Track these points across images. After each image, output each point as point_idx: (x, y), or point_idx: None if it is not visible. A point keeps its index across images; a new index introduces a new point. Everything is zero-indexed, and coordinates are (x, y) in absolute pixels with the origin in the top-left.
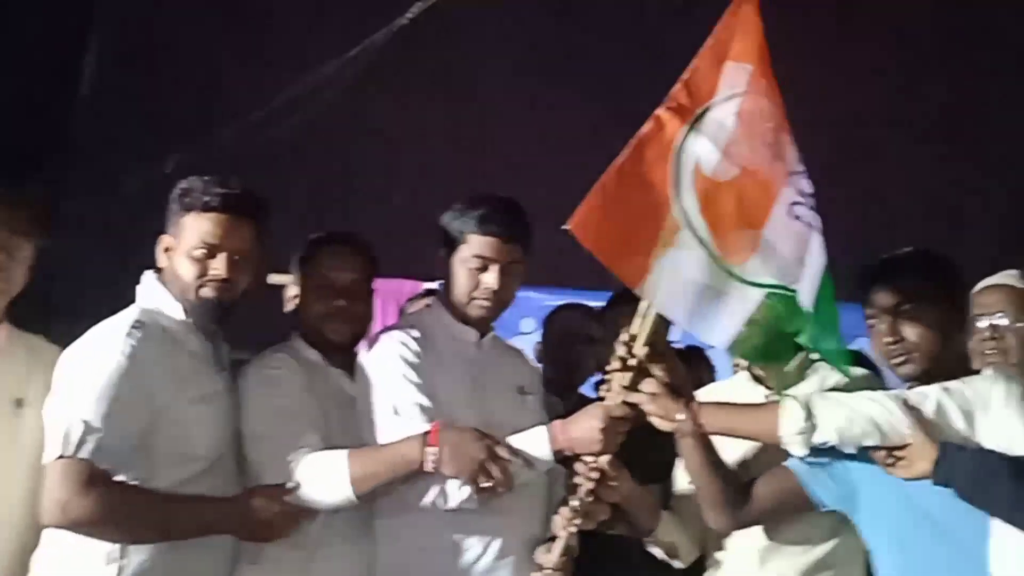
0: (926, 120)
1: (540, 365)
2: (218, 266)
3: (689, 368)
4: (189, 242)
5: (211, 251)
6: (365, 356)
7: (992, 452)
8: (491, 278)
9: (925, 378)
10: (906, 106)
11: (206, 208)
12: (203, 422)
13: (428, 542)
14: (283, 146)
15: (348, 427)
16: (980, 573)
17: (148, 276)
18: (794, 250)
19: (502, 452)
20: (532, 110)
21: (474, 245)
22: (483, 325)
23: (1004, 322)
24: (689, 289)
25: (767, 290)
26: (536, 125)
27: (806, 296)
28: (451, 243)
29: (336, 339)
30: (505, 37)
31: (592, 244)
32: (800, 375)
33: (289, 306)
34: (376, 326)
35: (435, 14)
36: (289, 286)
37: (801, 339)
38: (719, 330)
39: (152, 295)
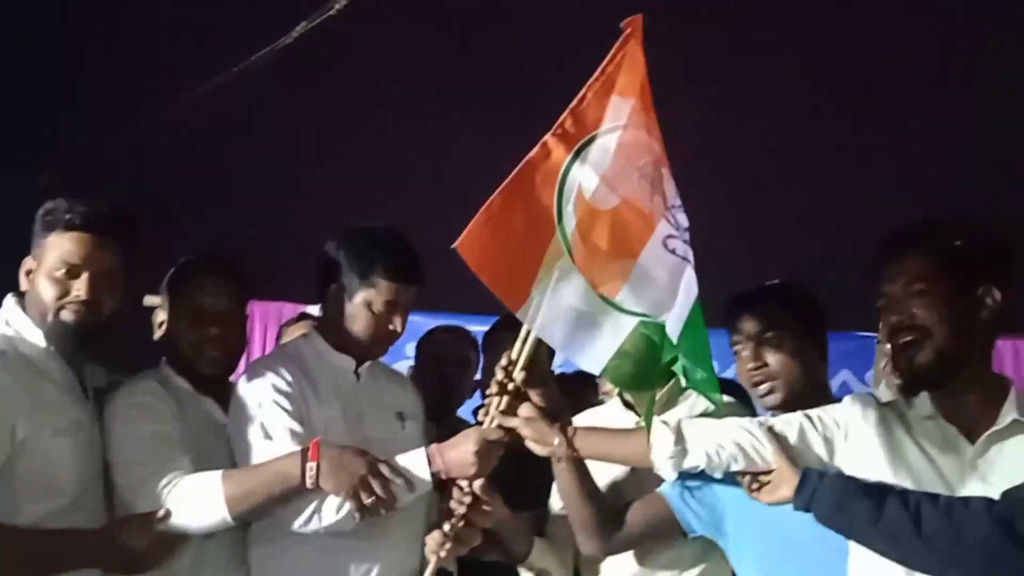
0: (809, 159)
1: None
2: (80, 287)
3: (577, 392)
4: (50, 262)
5: (72, 271)
6: (238, 385)
7: (851, 478)
8: (398, 322)
9: (784, 406)
10: (789, 145)
11: (68, 227)
12: (68, 454)
13: (303, 570)
14: (165, 163)
15: (220, 456)
16: None
17: (8, 301)
18: (666, 282)
19: (383, 469)
20: (422, 132)
21: (383, 291)
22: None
23: None
24: (568, 315)
25: (639, 318)
26: (427, 147)
27: (673, 327)
28: (344, 278)
29: (210, 369)
30: (395, 58)
31: (477, 265)
32: (671, 401)
33: (158, 332)
34: (256, 350)
35: (323, 34)
36: (158, 311)
37: (675, 368)
38: (593, 356)
39: (12, 321)
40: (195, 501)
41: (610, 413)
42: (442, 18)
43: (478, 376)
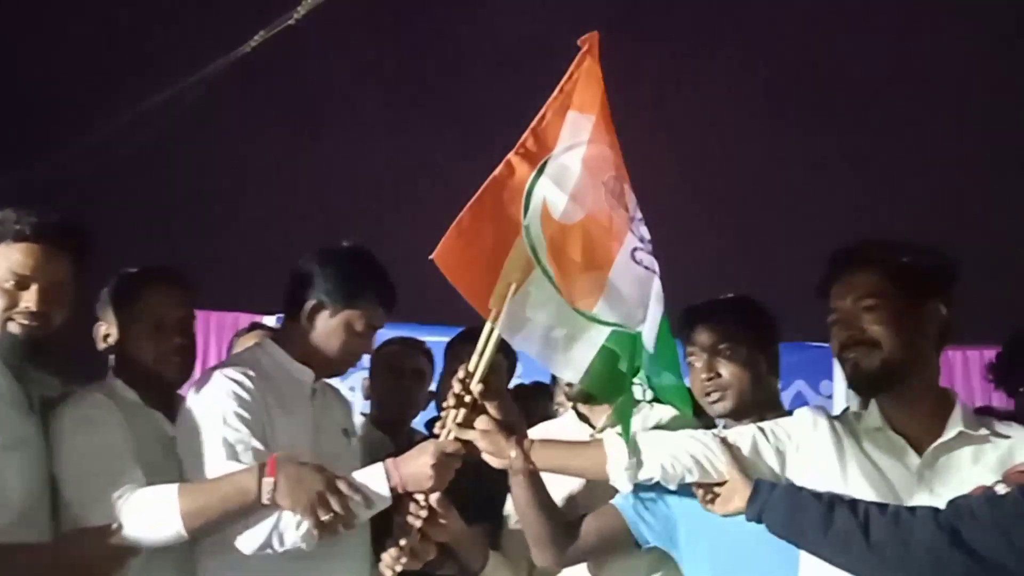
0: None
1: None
2: (29, 299)
3: (532, 404)
4: None
5: (22, 282)
6: (192, 396)
7: (801, 488)
8: (371, 344)
9: (733, 414)
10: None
11: (18, 237)
12: (15, 469)
13: None
14: (117, 173)
15: (169, 470)
16: None
17: None
18: (637, 293)
19: (341, 486)
20: (377, 142)
21: (369, 315)
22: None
23: None
24: (542, 325)
25: (612, 327)
26: (381, 157)
27: (648, 337)
28: (325, 295)
29: (171, 379)
30: (351, 69)
31: (453, 276)
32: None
33: (102, 345)
34: (211, 360)
35: (282, 43)
36: (102, 324)
37: (641, 378)
38: (571, 365)
39: None
40: (150, 514)
41: (565, 425)
42: (399, 30)
43: (433, 387)
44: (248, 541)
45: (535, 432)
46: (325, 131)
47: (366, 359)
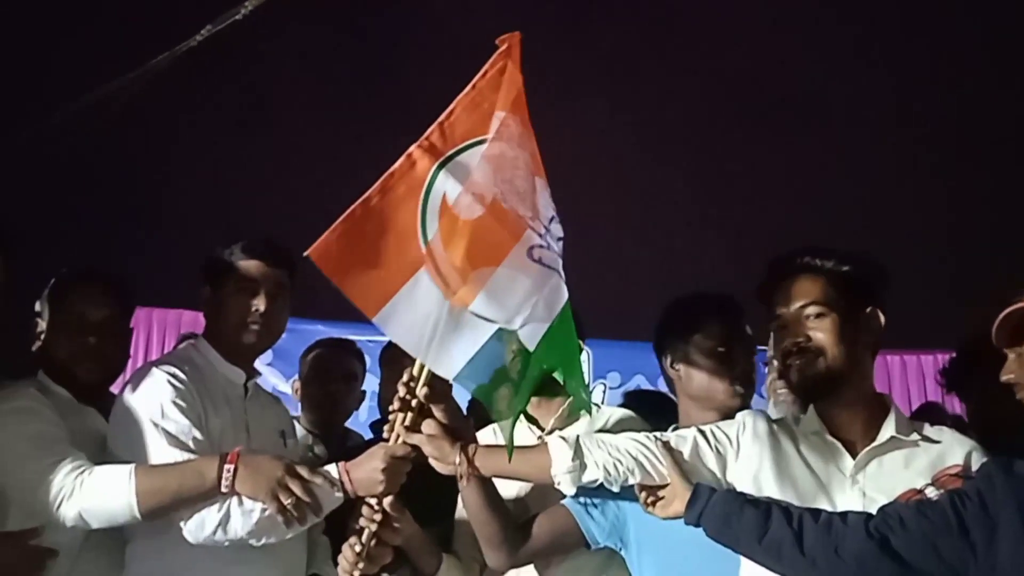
0: (700, 177)
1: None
2: None
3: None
4: None
5: None
6: (127, 391)
7: (739, 494)
8: (260, 301)
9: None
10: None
11: None
12: None
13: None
14: (61, 167)
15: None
16: None
17: None
18: (526, 291)
19: (303, 472)
20: (320, 137)
21: (242, 269)
22: (251, 361)
23: None
24: (424, 320)
25: (499, 325)
26: (324, 152)
27: (530, 335)
28: (217, 278)
29: (87, 379)
30: (294, 65)
31: (333, 272)
32: (572, 416)
33: (37, 342)
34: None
35: (228, 37)
36: (38, 321)
37: (557, 375)
38: (447, 362)
39: None
40: (105, 492)
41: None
42: (348, 26)
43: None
44: (195, 529)
45: (483, 435)
46: (271, 127)
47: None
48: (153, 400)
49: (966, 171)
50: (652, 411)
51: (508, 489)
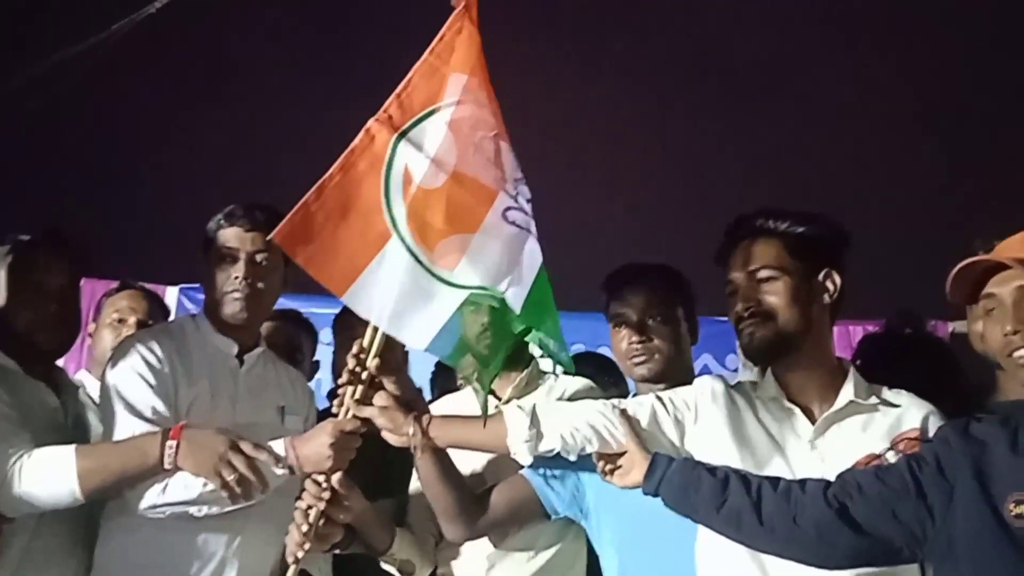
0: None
1: None
2: None
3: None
4: None
5: None
6: (110, 363)
7: (697, 463)
8: (238, 269)
9: (657, 379)
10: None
11: None
12: None
13: (151, 554)
14: (16, 135)
15: (54, 441)
16: (692, 571)
17: None
18: (505, 253)
19: (246, 447)
20: (284, 107)
21: (221, 239)
22: (244, 333)
23: None
24: (393, 294)
25: (471, 291)
26: (288, 122)
27: (515, 298)
28: (207, 249)
29: (47, 347)
30: (256, 32)
31: (299, 254)
32: (530, 384)
33: None
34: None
35: (187, 4)
36: None
37: (529, 338)
38: (417, 332)
39: None
40: (46, 474)
41: (467, 399)
42: None
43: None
44: (138, 499)
45: (437, 406)
46: (229, 96)
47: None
48: (119, 371)
49: (940, 142)
50: (596, 372)
51: (465, 461)
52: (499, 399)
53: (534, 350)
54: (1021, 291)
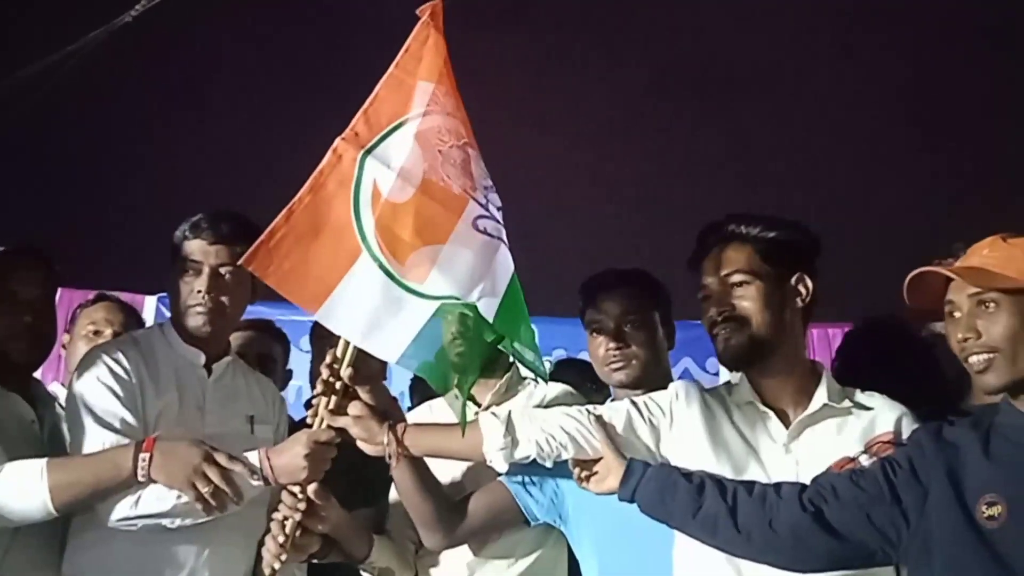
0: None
1: None
2: None
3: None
4: None
5: None
6: (75, 374)
7: (673, 469)
8: (201, 283)
9: (635, 385)
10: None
11: None
12: None
13: (122, 564)
14: None
15: (29, 455)
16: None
17: None
18: (476, 262)
19: (221, 459)
20: (260, 116)
21: (185, 250)
22: (211, 343)
23: None
24: (365, 308)
25: (440, 301)
26: (264, 132)
27: (488, 307)
28: (173, 260)
29: (21, 359)
30: (234, 41)
31: (269, 276)
32: (509, 391)
33: None
34: None
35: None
36: None
37: (503, 346)
38: (390, 345)
39: None
40: (17, 488)
41: (446, 407)
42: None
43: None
44: (109, 512)
45: (416, 413)
46: (205, 105)
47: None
48: (86, 382)
49: (922, 144)
50: (577, 378)
51: (443, 469)
52: (479, 406)
53: None
54: (974, 299)
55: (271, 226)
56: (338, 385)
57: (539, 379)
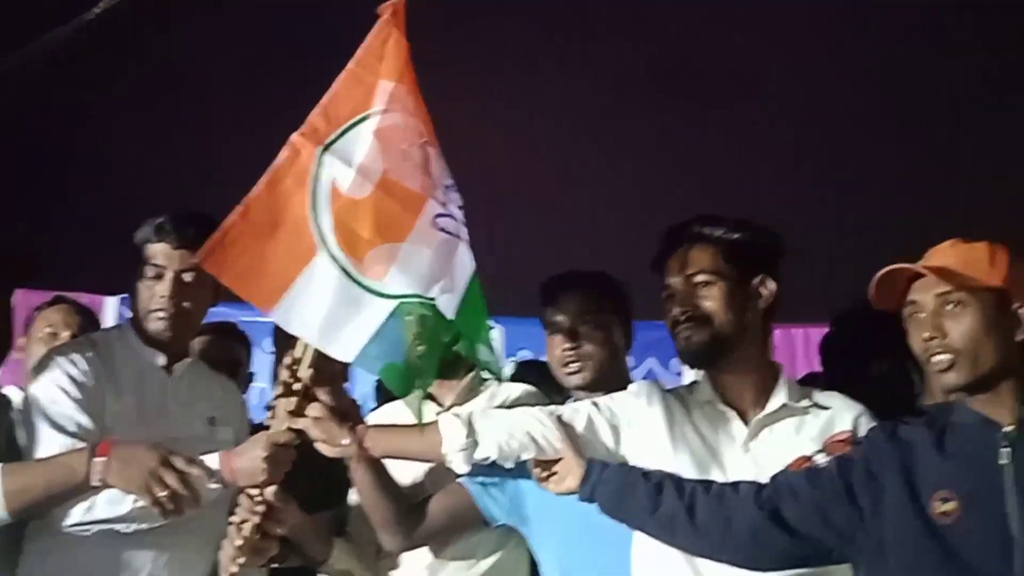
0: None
1: None
2: None
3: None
4: None
5: None
6: (32, 380)
7: (632, 469)
8: (163, 287)
9: (590, 387)
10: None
11: None
12: None
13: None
14: None
15: None
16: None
17: None
18: (435, 260)
19: (178, 462)
20: (227, 116)
21: (148, 253)
22: (173, 345)
23: None
24: (322, 308)
25: (399, 300)
26: (232, 132)
27: (447, 304)
28: (136, 262)
29: None
30: (200, 40)
31: (224, 274)
32: (472, 392)
33: None
34: None
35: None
36: None
37: (459, 347)
38: (347, 345)
39: None
40: None
41: (405, 408)
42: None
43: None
44: (63, 517)
45: (377, 414)
46: (171, 104)
47: None
48: (41, 385)
49: (898, 145)
50: (541, 379)
51: (403, 471)
52: (440, 406)
53: None
54: (939, 298)
55: (226, 223)
56: (297, 386)
57: (498, 379)
